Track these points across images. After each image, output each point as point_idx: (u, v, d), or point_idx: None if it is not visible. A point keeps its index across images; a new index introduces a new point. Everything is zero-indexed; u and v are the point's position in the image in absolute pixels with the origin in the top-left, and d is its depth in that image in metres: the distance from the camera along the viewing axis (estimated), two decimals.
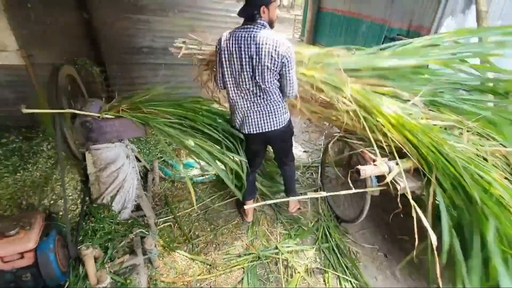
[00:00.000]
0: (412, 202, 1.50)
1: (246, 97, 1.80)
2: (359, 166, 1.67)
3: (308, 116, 2.17)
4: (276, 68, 1.68)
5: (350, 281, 1.95)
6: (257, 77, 1.70)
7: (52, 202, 2.09)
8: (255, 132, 1.90)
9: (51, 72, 1.75)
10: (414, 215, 1.47)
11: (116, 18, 2.83)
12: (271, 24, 1.72)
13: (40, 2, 2.65)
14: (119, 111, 1.94)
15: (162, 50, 3.10)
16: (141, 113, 1.95)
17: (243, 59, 1.67)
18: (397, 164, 1.68)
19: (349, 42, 5.09)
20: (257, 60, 1.64)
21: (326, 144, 2.36)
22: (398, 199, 1.63)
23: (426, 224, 1.44)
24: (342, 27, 5.48)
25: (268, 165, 2.70)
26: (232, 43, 1.66)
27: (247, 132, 1.92)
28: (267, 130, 1.89)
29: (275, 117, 1.88)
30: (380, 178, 1.76)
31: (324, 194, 1.80)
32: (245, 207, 1.94)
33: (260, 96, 1.78)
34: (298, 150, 3.42)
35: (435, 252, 1.32)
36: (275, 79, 1.75)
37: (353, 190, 1.67)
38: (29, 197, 2.15)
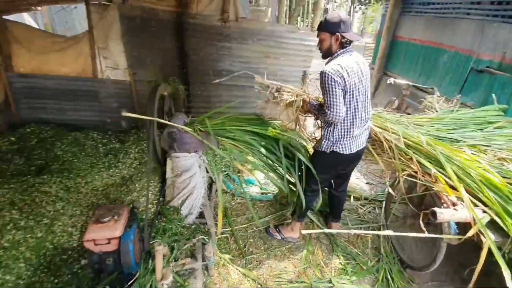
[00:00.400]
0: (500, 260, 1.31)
1: (360, 117, 1.88)
2: (435, 209, 1.53)
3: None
4: None
5: None
6: (368, 95, 1.89)
7: (134, 198, 2.41)
8: (355, 150, 1.94)
9: (152, 88, 2.09)
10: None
11: (203, 45, 3.26)
12: None
13: (147, 31, 3.23)
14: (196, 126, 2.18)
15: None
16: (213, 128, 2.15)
17: (362, 81, 1.81)
18: (484, 212, 1.49)
19: (426, 72, 4.76)
20: (366, 79, 1.84)
21: (395, 178, 2.22)
22: (482, 253, 1.43)
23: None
24: (419, 56, 5.17)
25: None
26: (354, 68, 1.75)
27: (352, 152, 1.93)
28: (363, 146, 2.00)
29: (368, 132, 2.04)
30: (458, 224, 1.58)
31: (390, 233, 1.68)
32: (303, 232, 1.92)
33: (367, 113, 1.94)
34: (360, 181, 3.27)
35: None
36: None
37: (427, 234, 1.53)
38: (118, 191, 2.53)
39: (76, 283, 1.85)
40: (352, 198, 2.85)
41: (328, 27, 1.77)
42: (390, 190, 2.16)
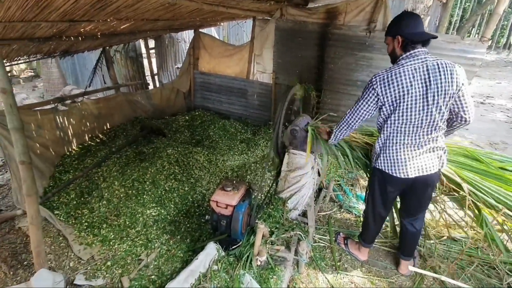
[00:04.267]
0: None
1: (411, 133, 1.70)
2: None
3: None
4: None
5: None
6: (437, 110, 1.70)
7: (253, 180, 2.81)
8: (413, 175, 1.70)
9: (286, 89, 2.37)
10: None
11: (343, 54, 3.29)
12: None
13: (295, 41, 3.61)
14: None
15: None
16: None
17: (425, 92, 1.63)
18: None
19: None
20: (435, 90, 1.64)
21: None
22: None
23: None
24: None
25: None
26: (411, 77, 1.61)
27: (407, 176, 1.71)
28: (429, 173, 1.69)
29: (438, 157, 1.80)
30: None
31: None
32: (411, 268, 1.67)
33: (427, 131, 1.73)
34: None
35: None
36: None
37: None
38: (242, 172, 3.01)
39: (199, 232, 2.39)
40: (498, 261, 2.13)
41: (389, 30, 1.64)
42: None
